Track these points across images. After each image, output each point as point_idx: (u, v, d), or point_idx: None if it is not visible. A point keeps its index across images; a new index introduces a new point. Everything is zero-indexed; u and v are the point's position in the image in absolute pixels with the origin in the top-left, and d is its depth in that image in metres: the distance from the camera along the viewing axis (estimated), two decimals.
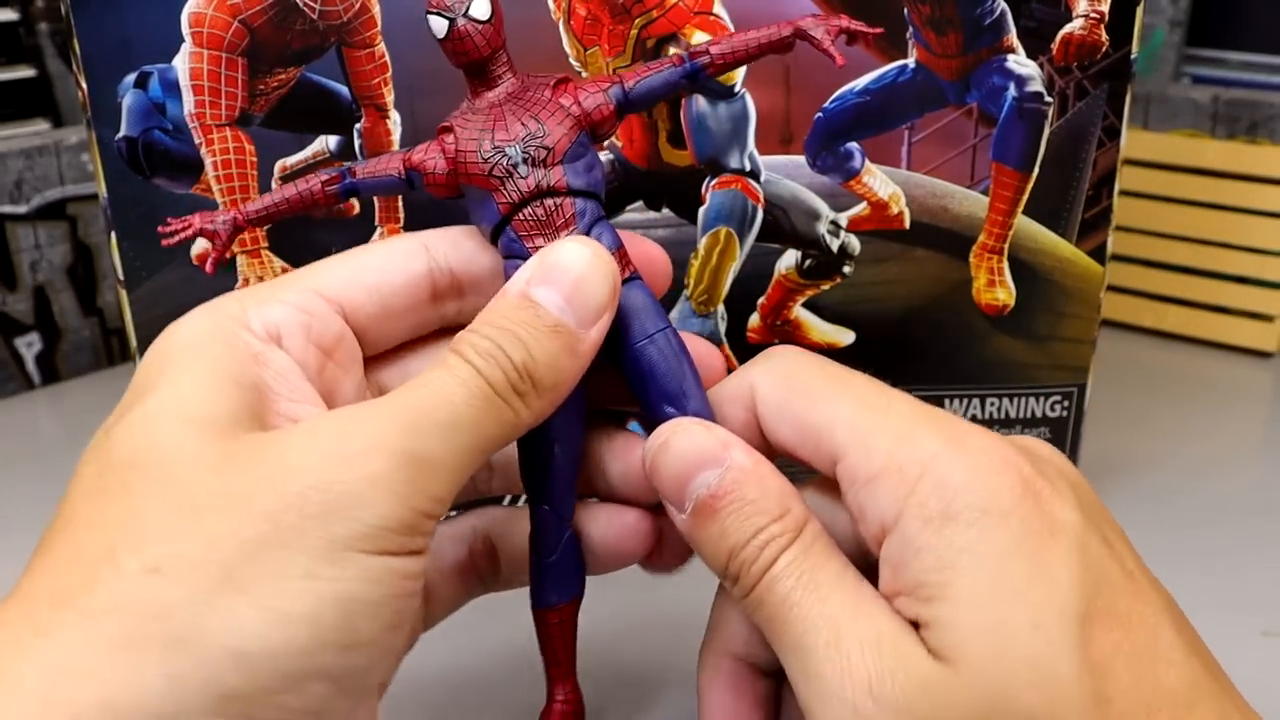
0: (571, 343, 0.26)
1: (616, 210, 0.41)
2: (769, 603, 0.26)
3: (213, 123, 0.39)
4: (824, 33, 0.29)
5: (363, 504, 0.23)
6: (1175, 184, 0.64)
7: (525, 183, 0.28)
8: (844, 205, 0.41)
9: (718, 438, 0.27)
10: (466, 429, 0.24)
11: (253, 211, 0.30)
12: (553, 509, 0.29)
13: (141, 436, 0.24)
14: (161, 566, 0.22)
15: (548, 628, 0.30)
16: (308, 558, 0.22)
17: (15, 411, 0.59)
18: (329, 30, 0.38)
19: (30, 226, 0.59)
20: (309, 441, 0.23)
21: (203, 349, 0.25)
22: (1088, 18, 0.39)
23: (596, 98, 0.29)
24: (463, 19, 0.28)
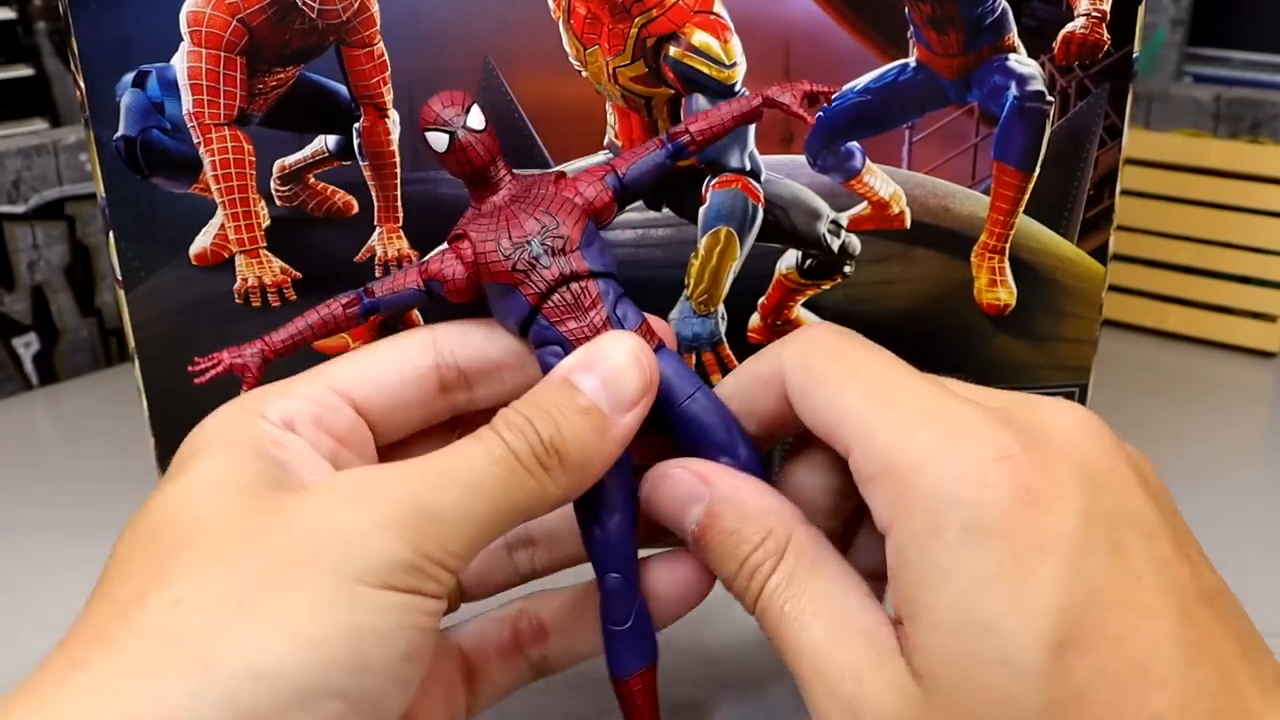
0: (602, 425, 0.28)
1: (616, 211, 0.40)
2: (766, 627, 0.27)
3: (211, 122, 0.39)
4: (790, 98, 0.31)
5: (370, 544, 0.24)
6: (1177, 183, 0.64)
7: (549, 272, 0.29)
8: (845, 205, 0.41)
9: (698, 473, 0.29)
10: (486, 492, 0.26)
11: (279, 342, 0.31)
12: (622, 576, 0.30)
13: (173, 502, 0.26)
14: (183, 598, 0.23)
15: (631, 697, 0.31)
16: (318, 590, 0.24)
17: (13, 412, 0.59)
18: (328, 29, 0.38)
19: (28, 226, 0.59)
20: (326, 491, 0.26)
21: (228, 436, 0.28)
22: (1089, 17, 0.38)
23: (595, 187, 0.31)
24: (463, 130, 0.30)
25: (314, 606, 0.24)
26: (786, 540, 0.28)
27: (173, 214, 0.39)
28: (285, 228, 0.40)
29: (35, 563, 0.45)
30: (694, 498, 0.29)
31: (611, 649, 0.31)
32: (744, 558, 0.28)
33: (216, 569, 0.24)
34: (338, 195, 0.40)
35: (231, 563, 0.24)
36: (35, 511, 0.49)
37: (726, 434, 0.30)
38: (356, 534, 0.24)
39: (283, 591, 0.24)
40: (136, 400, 0.42)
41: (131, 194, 0.39)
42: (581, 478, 0.27)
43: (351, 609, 0.24)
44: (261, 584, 0.24)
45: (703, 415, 0.30)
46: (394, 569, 0.24)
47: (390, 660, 0.24)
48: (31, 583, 0.44)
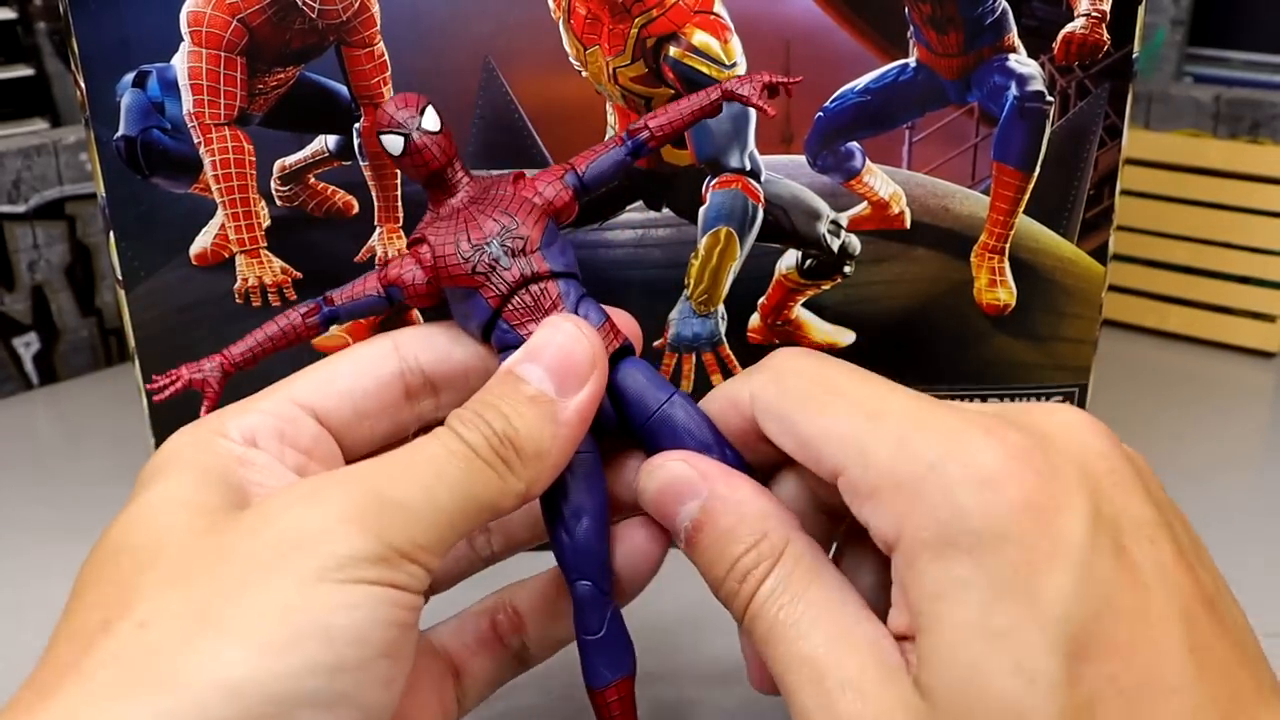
0: (552, 410, 0.27)
1: (617, 210, 0.40)
2: (757, 635, 0.26)
3: (211, 122, 0.39)
4: (749, 89, 0.31)
5: (333, 538, 0.24)
6: (1177, 184, 0.64)
7: (510, 273, 0.29)
8: (845, 205, 0.41)
9: (698, 469, 0.28)
10: (447, 484, 0.25)
11: (238, 356, 0.31)
12: (593, 584, 0.30)
13: (135, 526, 0.25)
14: (148, 621, 0.23)
15: (607, 707, 0.30)
16: (283, 592, 0.23)
17: (13, 412, 0.59)
18: (328, 29, 0.38)
19: (28, 226, 0.59)
20: (284, 494, 0.25)
21: (187, 458, 0.27)
22: (1089, 17, 0.38)
23: (555, 186, 0.31)
24: (417, 133, 0.29)
25: (279, 611, 0.23)
26: (784, 544, 0.27)
27: (173, 214, 0.39)
28: (285, 228, 0.40)
29: (35, 563, 0.45)
30: (691, 494, 0.28)
31: (585, 658, 0.30)
32: (735, 558, 0.27)
33: (179, 587, 0.23)
34: (338, 195, 0.40)
35: (194, 579, 0.23)
36: (35, 511, 0.49)
37: (710, 434, 0.29)
38: (317, 530, 0.24)
39: (246, 600, 0.23)
40: (136, 400, 0.42)
41: (131, 194, 0.39)
42: (541, 467, 0.27)
43: (319, 609, 0.23)
44: (224, 595, 0.23)
45: (682, 419, 0.29)
46: (360, 562, 0.24)
47: (368, 659, 0.24)
48: (31, 583, 0.44)
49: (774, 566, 0.26)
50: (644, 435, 0.30)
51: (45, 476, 0.53)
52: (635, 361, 0.30)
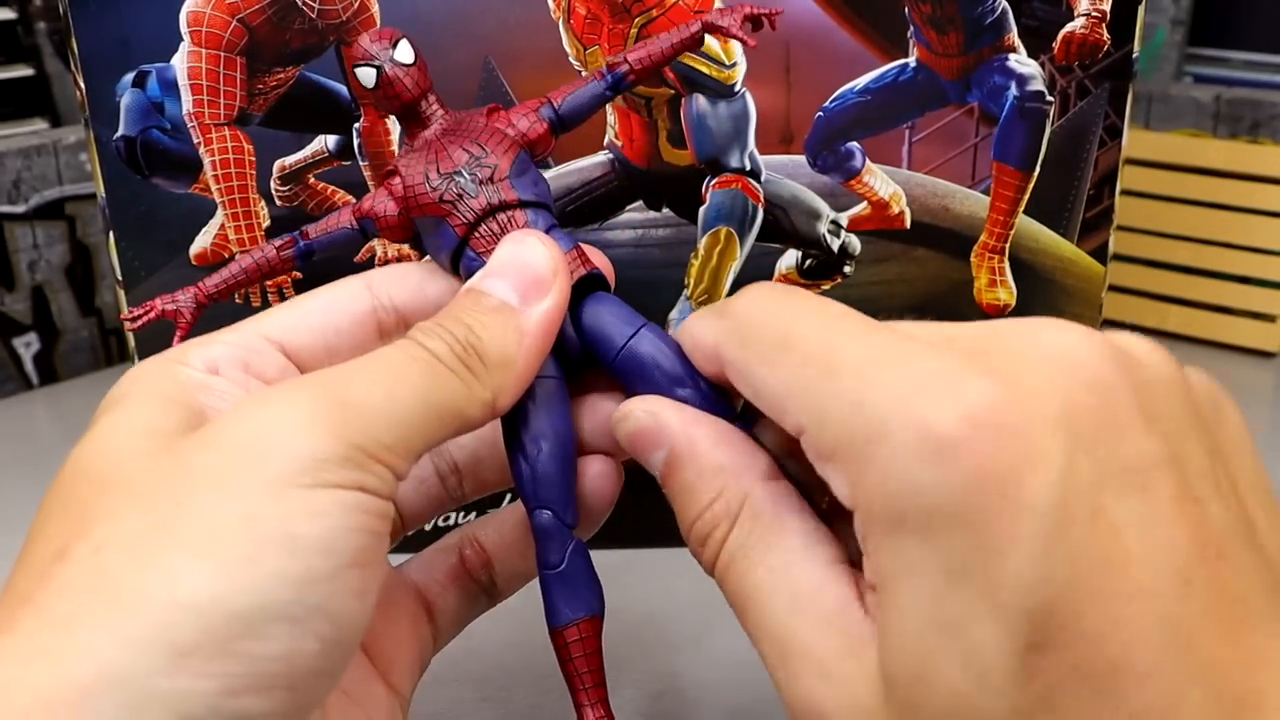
0: (516, 319, 0.27)
1: (617, 210, 0.40)
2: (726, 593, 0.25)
3: (211, 122, 0.39)
4: (729, 21, 0.30)
5: (294, 441, 0.22)
6: (1177, 184, 0.64)
7: (476, 201, 0.29)
8: (844, 205, 0.41)
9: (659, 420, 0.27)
10: (409, 386, 0.24)
11: (212, 287, 0.31)
12: (553, 513, 0.28)
13: (90, 452, 0.24)
14: (103, 544, 0.22)
15: (567, 648, 0.28)
16: (244, 502, 0.22)
17: (13, 412, 0.59)
18: (328, 29, 0.38)
19: (28, 226, 0.59)
20: (241, 404, 0.24)
21: (147, 386, 0.26)
22: (1089, 17, 0.38)
23: (529, 118, 0.30)
24: (389, 64, 0.29)
25: (240, 521, 0.21)
26: (741, 502, 0.25)
27: (173, 214, 0.39)
28: (285, 228, 0.40)
29: None
30: (655, 444, 0.27)
31: (546, 594, 0.29)
32: (695, 517, 0.26)
33: (135, 508, 0.22)
34: (338, 195, 0.40)
35: (150, 498, 0.22)
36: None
37: (681, 368, 0.28)
38: (276, 435, 0.22)
39: (204, 513, 0.22)
40: None
41: (131, 194, 0.39)
42: (506, 375, 0.26)
43: (284, 516, 0.22)
44: (181, 511, 0.22)
45: (651, 352, 0.28)
46: (325, 464, 0.22)
47: (338, 569, 0.22)
48: None
49: (732, 528, 0.25)
50: (614, 372, 0.29)
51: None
52: (604, 296, 0.30)
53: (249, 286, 0.31)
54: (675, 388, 0.28)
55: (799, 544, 0.24)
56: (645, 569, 0.40)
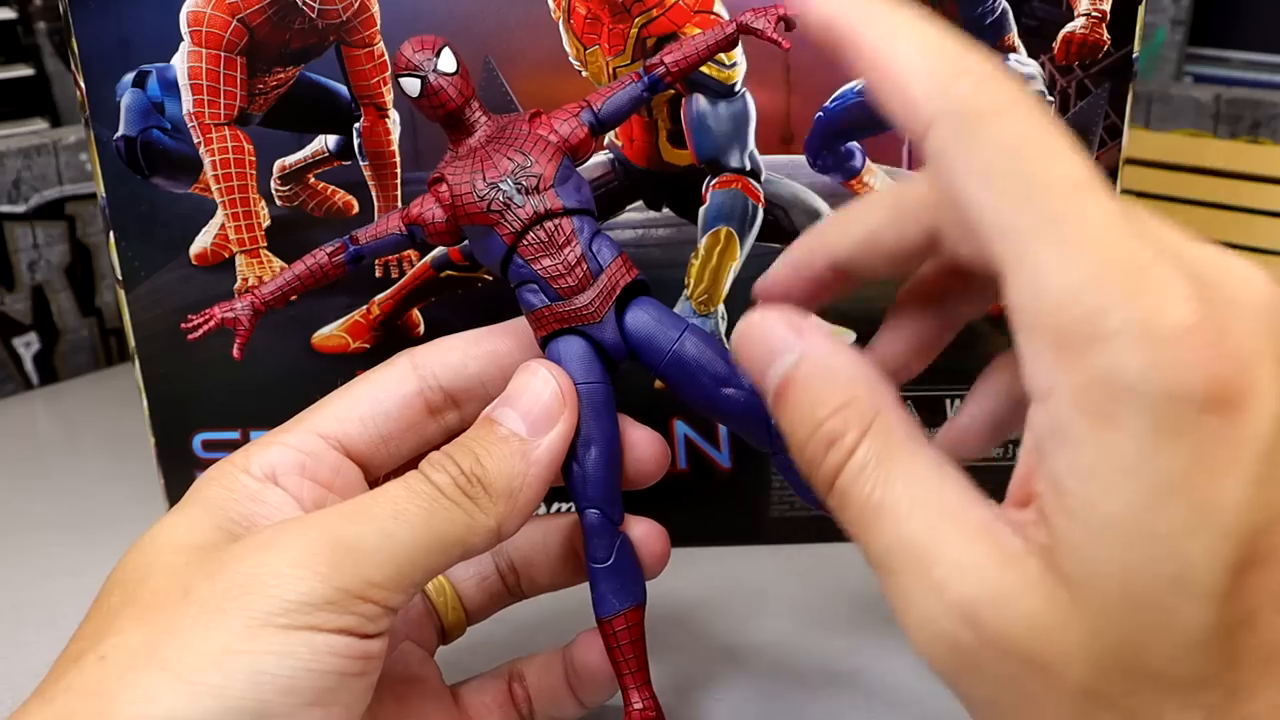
0: (522, 449, 0.28)
1: (617, 210, 0.40)
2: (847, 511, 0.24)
3: (211, 122, 0.39)
4: (764, 23, 0.31)
5: (282, 582, 0.25)
6: (1177, 183, 0.64)
7: (523, 211, 0.30)
8: (844, 205, 0.41)
9: (792, 325, 0.26)
10: (407, 523, 0.26)
11: (268, 294, 0.32)
12: (601, 511, 0.30)
13: (133, 559, 0.27)
14: (107, 655, 0.25)
15: (614, 637, 0.31)
16: (226, 635, 0.24)
17: (13, 412, 0.59)
18: (328, 29, 0.38)
19: (28, 226, 0.59)
20: (252, 539, 0.26)
21: (205, 493, 0.29)
22: (1089, 17, 0.38)
23: (570, 124, 0.31)
24: (433, 74, 0.30)
25: (217, 653, 0.24)
26: (874, 414, 0.24)
27: (173, 214, 0.39)
28: (285, 228, 0.40)
29: (35, 563, 0.45)
30: (785, 348, 0.25)
31: (594, 588, 0.31)
32: (820, 421, 0.24)
33: (141, 625, 0.25)
34: (338, 195, 0.40)
35: (156, 617, 0.25)
36: (35, 511, 0.49)
37: (725, 365, 0.30)
38: (269, 575, 0.25)
39: (190, 641, 0.24)
40: (136, 400, 0.42)
41: (131, 194, 0.39)
42: (512, 505, 0.28)
43: (255, 653, 0.24)
44: (175, 635, 0.24)
45: (696, 354, 0.30)
46: (307, 607, 0.25)
47: (296, 706, 0.24)
48: (31, 583, 0.44)
49: (863, 436, 0.24)
50: (662, 377, 0.30)
51: (45, 476, 0.53)
52: (646, 301, 0.31)
53: (302, 292, 0.32)
54: (721, 388, 0.30)
55: (934, 464, 0.23)
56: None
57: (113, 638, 0.25)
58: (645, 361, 0.30)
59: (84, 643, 0.26)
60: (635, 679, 0.31)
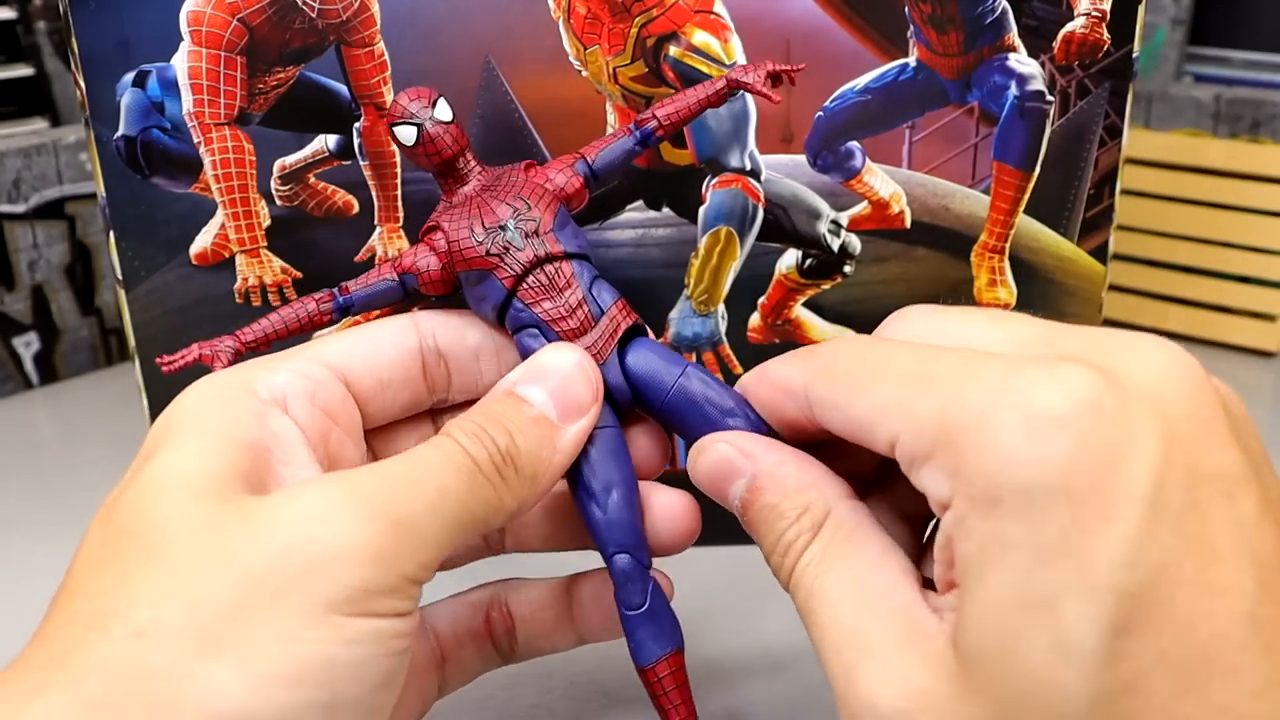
0: (552, 435, 0.28)
1: (617, 210, 0.40)
2: (797, 604, 0.26)
3: (211, 122, 0.39)
4: (754, 78, 0.31)
5: (344, 565, 0.23)
6: (1177, 183, 0.64)
7: (524, 254, 0.30)
8: (845, 204, 0.41)
9: (741, 448, 0.28)
10: (451, 500, 0.25)
11: (251, 339, 0.31)
12: (630, 555, 0.30)
13: (139, 502, 0.24)
14: (145, 631, 0.22)
15: (660, 683, 0.30)
16: (288, 620, 0.22)
17: (13, 411, 0.59)
18: (328, 29, 0.38)
19: (28, 226, 0.59)
20: (295, 503, 0.24)
21: (205, 413, 0.26)
22: (1089, 16, 0.38)
23: (565, 174, 0.31)
24: (430, 123, 0.30)
25: (283, 641, 0.22)
26: (824, 515, 0.26)
27: (173, 214, 0.39)
28: (285, 227, 0.40)
29: (35, 562, 0.45)
30: (737, 473, 0.28)
31: (631, 635, 0.30)
32: (781, 532, 0.26)
33: (178, 596, 0.23)
34: (338, 195, 0.40)
35: (194, 588, 0.23)
36: (35, 511, 0.49)
37: (731, 401, 0.30)
38: (330, 555, 0.23)
39: (249, 623, 0.22)
40: (136, 400, 0.42)
41: (131, 194, 0.39)
42: (534, 488, 0.27)
43: (323, 642, 0.23)
44: (226, 615, 0.22)
45: (699, 389, 0.30)
46: (370, 594, 0.23)
47: (364, 693, 0.23)
48: (31, 582, 0.44)
49: (813, 538, 0.26)
50: (665, 412, 0.30)
51: (45, 476, 0.53)
52: (645, 341, 0.31)
53: (286, 338, 0.31)
54: (727, 419, 0.29)
55: (874, 553, 0.25)
56: None
57: (145, 608, 0.22)
58: (646, 399, 0.30)
59: (96, 601, 0.23)
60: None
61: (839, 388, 0.26)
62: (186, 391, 0.27)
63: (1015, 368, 0.22)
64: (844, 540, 0.26)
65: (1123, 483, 0.21)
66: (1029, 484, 0.21)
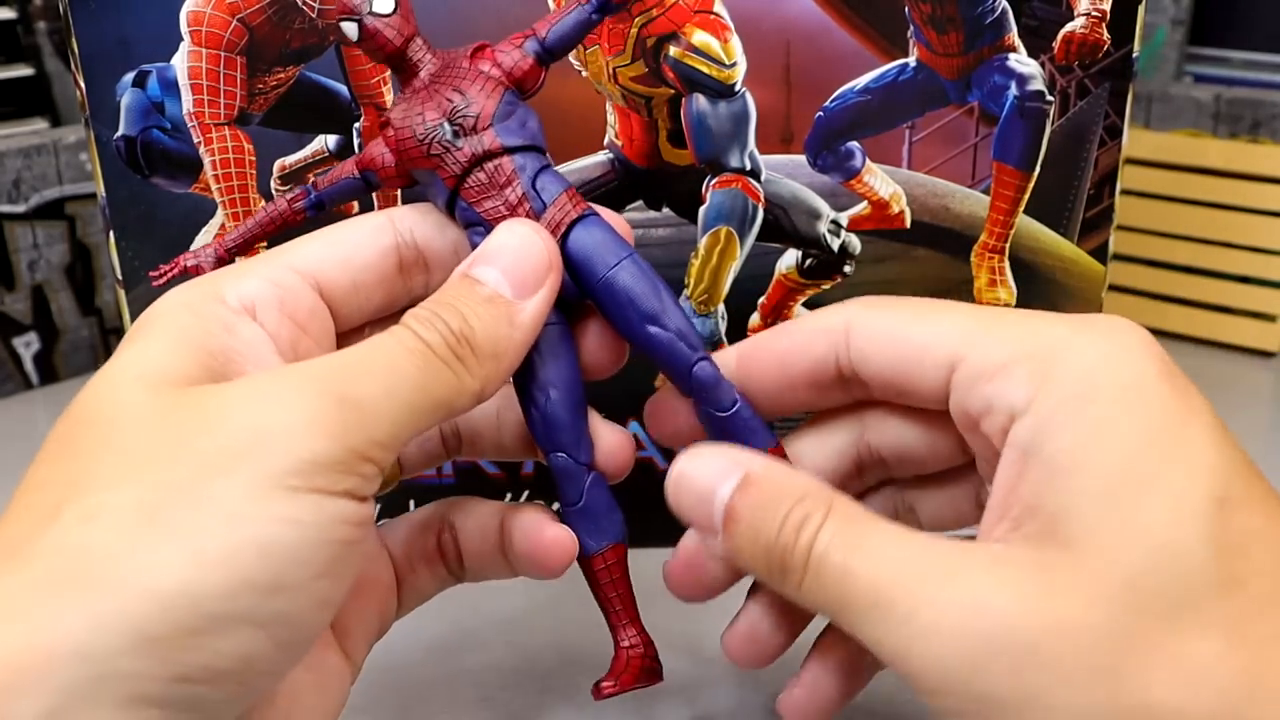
0: (509, 312, 0.27)
1: (616, 210, 0.40)
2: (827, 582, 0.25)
3: (211, 122, 0.39)
4: None
5: (292, 438, 0.23)
6: (1177, 183, 0.64)
7: (462, 153, 0.29)
8: (845, 204, 0.41)
9: (731, 458, 0.28)
10: (406, 382, 0.25)
11: (232, 242, 0.31)
12: (567, 454, 0.30)
13: (98, 395, 0.25)
14: (94, 514, 0.22)
15: (594, 576, 0.30)
16: (233, 497, 0.22)
17: (13, 411, 0.59)
18: (328, 29, 0.38)
19: (28, 226, 0.59)
20: (246, 387, 0.24)
21: (173, 319, 0.26)
22: (1089, 16, 0.38)
23: (513, 55, 0.30)
24: (369, 16, 0.29)
25: (224, 518, 0.22)
26: (829, 504, 0.26)
27: (173, 214, 0.39)
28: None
29: None
30: (727, 473, 0.27)
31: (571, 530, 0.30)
32: (786, 513, 0.26)
33: (130, 480, 0.23)
34: None
35: (147, 471, 0.23)
36: None
37: (657, 302, 0.29)
38: (276, 431, 0.23)
39: (195, 503, 0.22)
40: None
41: (131, 194, 0.39)
42: (496, 367, 0.27)
43: (266, 519, 0.22)
44: (175, 495, 0.22)
45: (630, 283, 0.29)
46: (319, 467, 0.23)
47: (306, 579, 0.23)
48: None
49: (827, 517, 0.26)
50: (596, 299, 0.29)
51: None
52: (594, 220, 0.29)
53: (264, 240, 0.31)
54: (646, 324, 0.29)
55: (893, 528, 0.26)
56: None
57: (97, 493, 0.22)
58: (581, 283, 0.29)
59: (52, 491, 0.23)
60: (622, 616, 0.31)
61: (899, 316, 0.28)
62: (157, 302, 0.27)
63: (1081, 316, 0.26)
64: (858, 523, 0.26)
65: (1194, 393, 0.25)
66: (1125, 381, 0.24)
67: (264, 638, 0.22)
